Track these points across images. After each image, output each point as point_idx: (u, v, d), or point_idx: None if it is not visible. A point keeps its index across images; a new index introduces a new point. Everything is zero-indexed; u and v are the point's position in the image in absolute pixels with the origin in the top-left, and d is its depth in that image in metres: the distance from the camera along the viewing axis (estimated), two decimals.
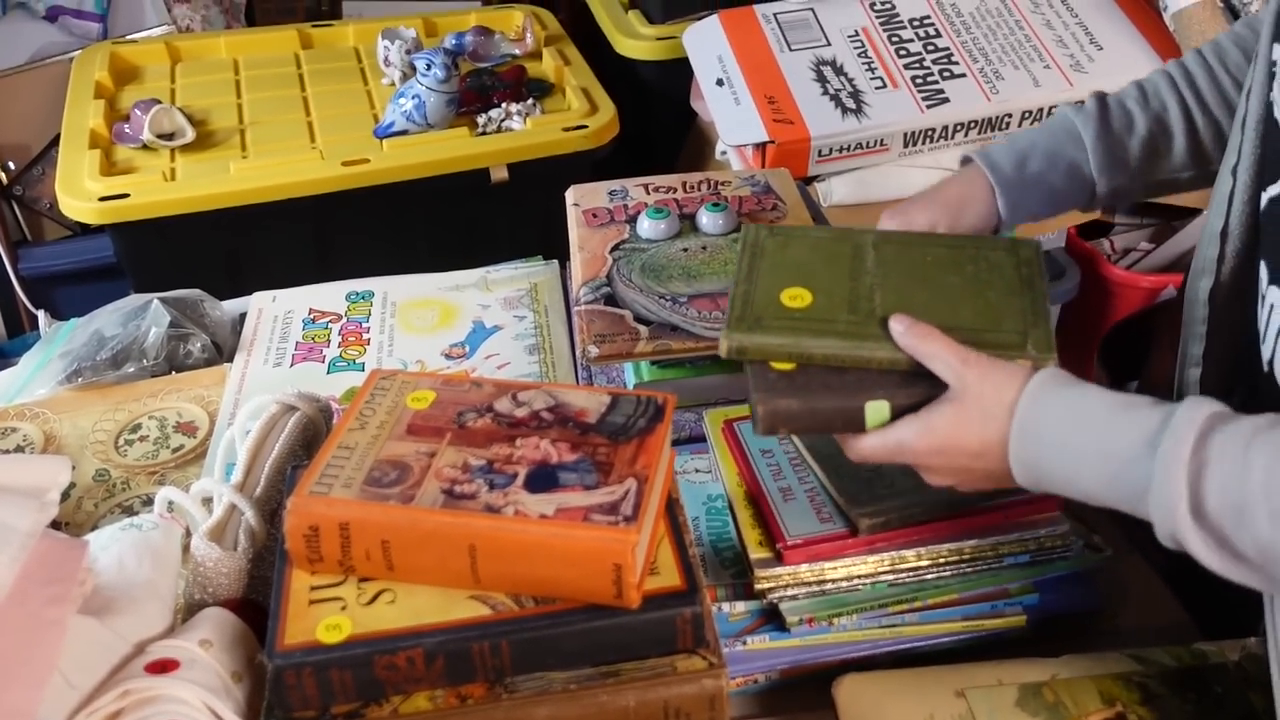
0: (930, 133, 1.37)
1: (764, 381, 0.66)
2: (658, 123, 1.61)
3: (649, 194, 1.01)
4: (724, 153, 1.42)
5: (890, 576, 0.70)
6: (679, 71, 1.52)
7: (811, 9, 1.47)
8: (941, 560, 0.70)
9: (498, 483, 0.61)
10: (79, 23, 1.63)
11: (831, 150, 1.34)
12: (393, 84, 1.51)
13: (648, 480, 0.61)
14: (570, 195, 1.03)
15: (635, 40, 1.57)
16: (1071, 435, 0.59)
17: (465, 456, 0.62)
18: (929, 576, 0.70)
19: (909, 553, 0.70)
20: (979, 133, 1.39)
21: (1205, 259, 0.73)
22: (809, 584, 0.69)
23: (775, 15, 1.46)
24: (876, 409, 0.64)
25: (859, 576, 0.69)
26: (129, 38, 1.62)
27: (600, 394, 0.68)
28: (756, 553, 0.70)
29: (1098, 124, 0.80)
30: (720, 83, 1.40)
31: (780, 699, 0.71)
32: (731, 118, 1.36)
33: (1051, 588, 0.72)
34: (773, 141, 1.32)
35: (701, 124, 1.56)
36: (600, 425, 0.65)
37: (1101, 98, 0.82)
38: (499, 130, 1.42)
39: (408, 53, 1.49)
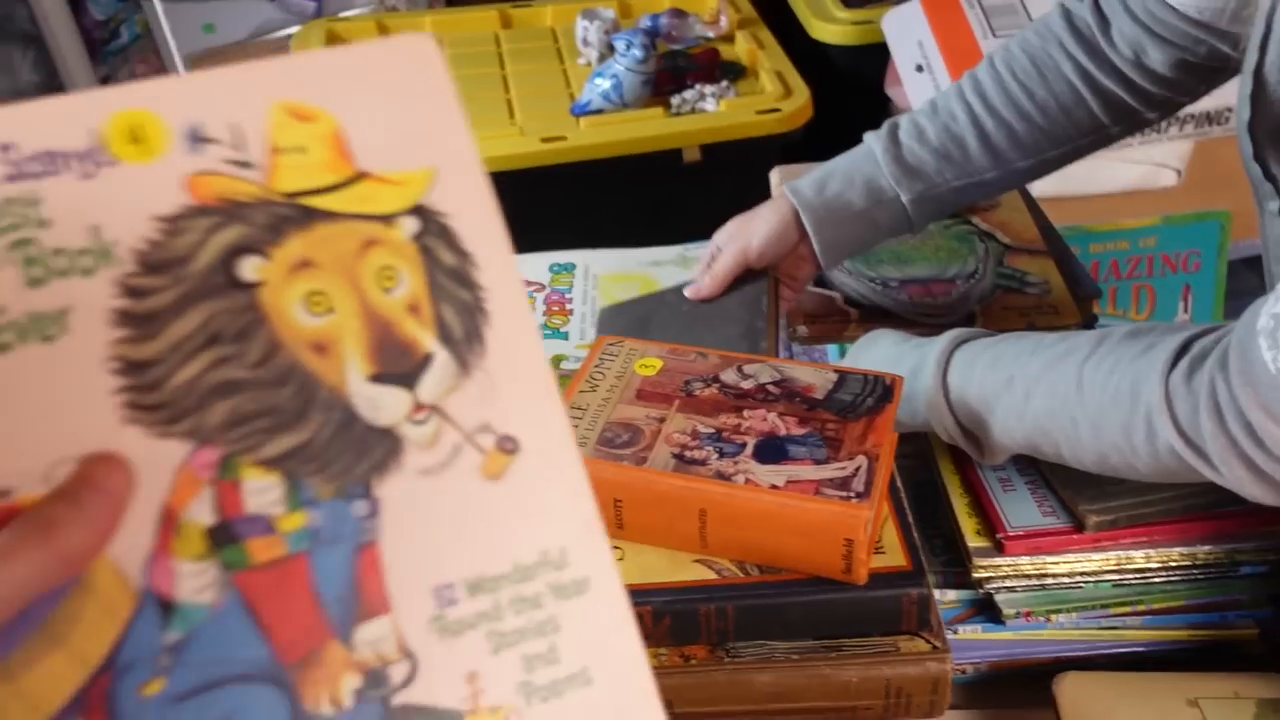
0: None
1: None
2: (849, 108, 1.59)
3: None
4: None
5: (1115, 576, 0.67)
6: (873, 56, 1.50)
7: None
8: (1171, 564, 0.67)
9: (727, 451, 0.61)
10: (296, 1, 1.72)
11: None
12: (589, 64, 1.54)
13: (879, 459, 0.60)
14: (775, 175, 1.03)
15: (830, 24, 1.55)
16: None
17: (694, 424, 0.64)
18: (1156, 580, 0.68)
19: (1137, 553, 0.67)
20: (1195, 127, 1.32)
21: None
22: (1029, 577, 0.67)
23: (980, 0, 1.42)
24: None
25: (1082, 574, 0.67)
26: (342, 15, 1.70)
27: (826, 370, 0.68)
28: (974, 542, 0.69)
29: (887, 139, 0.82)
30: (920, 68, 1.38)
31: (986, 692, 0.70)
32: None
33: None
34: None
35: (895, 110, 1.53)
36: (827, 402, 0.65)
37: (893, 118, 0.84)
38: (693, 111, 1.43)
39: (606, 33, 1.51)
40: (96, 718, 0.30)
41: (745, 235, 0.84)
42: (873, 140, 0.83)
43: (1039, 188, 1.01)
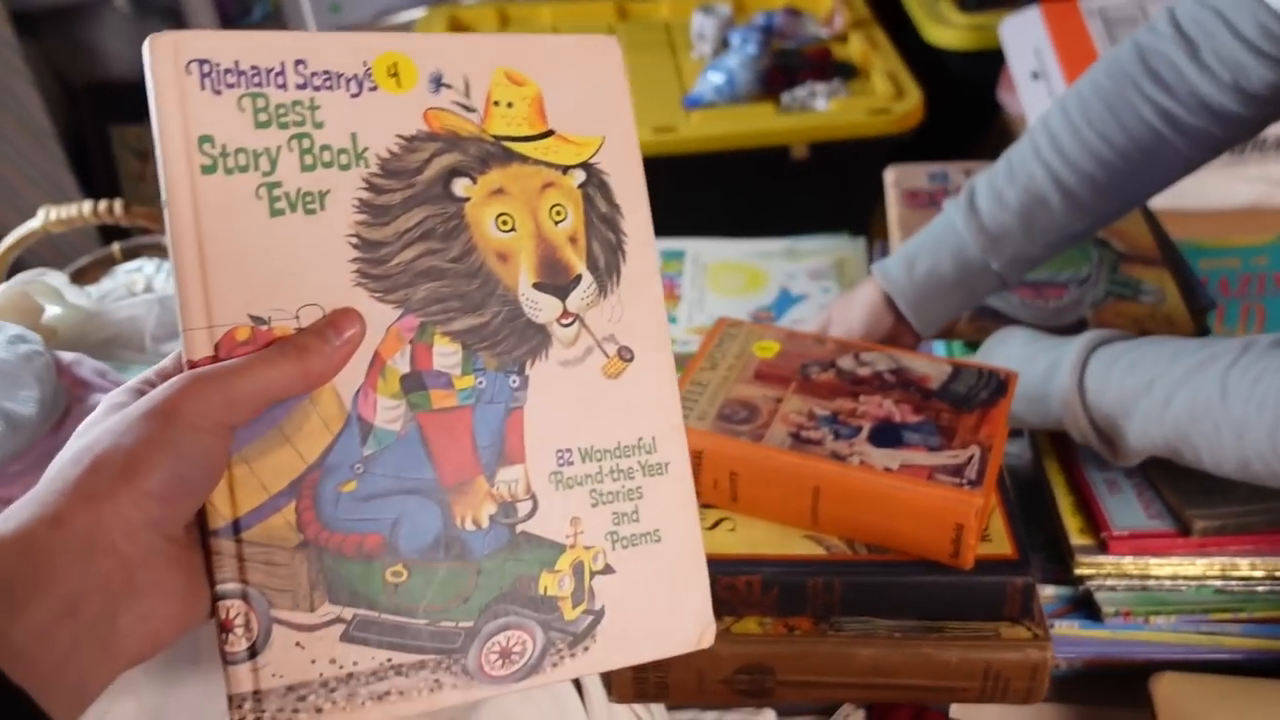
0: (1262, 142, 1.29)
1: None
2: (960, 112, 1.59)
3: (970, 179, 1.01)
4: None
5: (1219, 582, 0.68)
6: (987, 62, 1.50)
7: (1142, 6, 1.41)
8: (1277, 574, 0.68)
9: (843, 433, 0.64)
10: None
11: None
12: (702, 58, 1.57)
13: (991, 449, 0.62)
14: (889, 175, 1.04)
15: (945, 28, 1.55)
16: None
17: (810, 406, 0.66)
18: (1260, 589, 0.68)
19: (1242, 561, 0.68)
20: None
21: None
22: (1131, 577, 0.69)
23: (1101, 10, 1.41)
24: None
25: (1185, 578, 0.68)
26: (463, 3, 1.75)
27: (942, 363, 0.70)
28: (1077, 539, 0.70)
29: (966, 210, 0.80)
30: (1035, 76, 1.37)
31: (1080, 687, 0.71)
32: (1042, 107, 1.33)
33: None
34: None
35: (1007, 117, 1.53)
36: (942, 392, 0.67)
37: (971, 185, 0.81)
38: (803, 109, 1.45)
39: (721, 29, 1.54)
40: (305, 502, 0.40)
41: (846, 322, 0.85)
42: (954, 211, 0.81)
43: (1152, 200, 1.01)
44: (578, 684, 0.62)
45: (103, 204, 0.90)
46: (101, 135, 1.87)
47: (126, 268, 0.96)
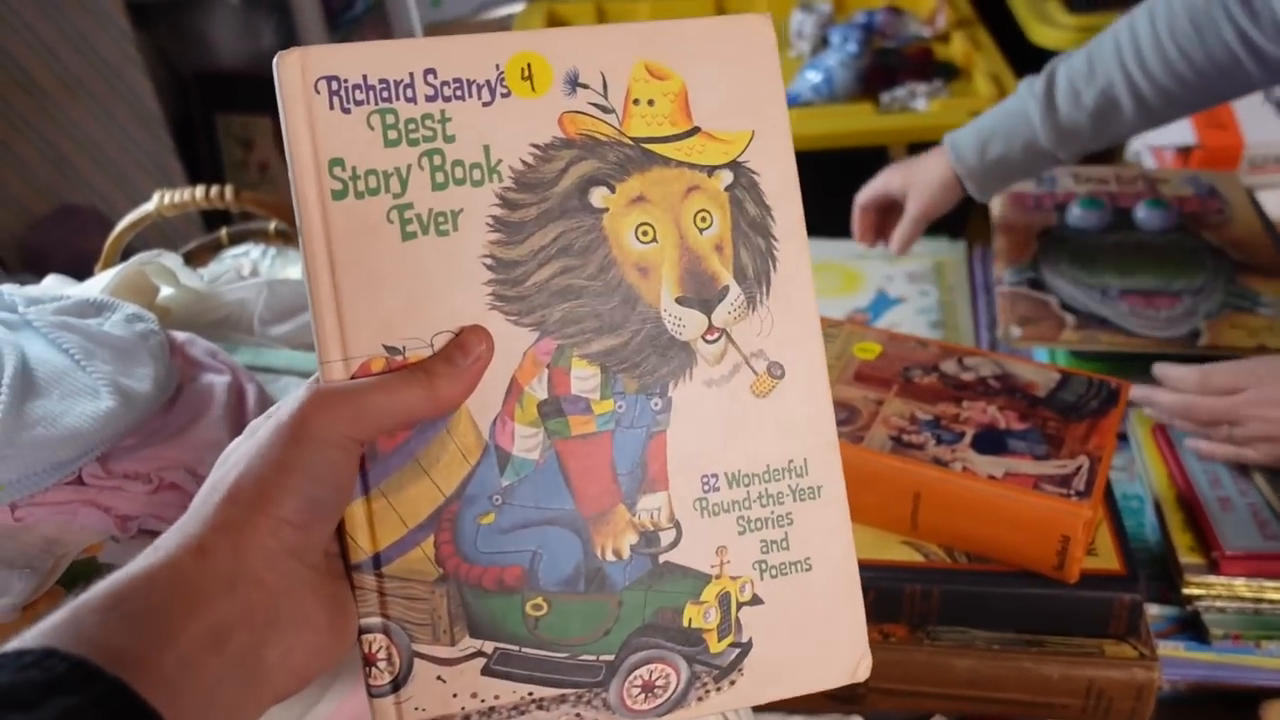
0: None
1: None
2: None
3: (1079, 184, 0.99)
4: (1137, 152, 1.35)
5: None
6: None
7: None
8: None
9: (945, 438, 0.62)
10: None
11: (1266, 160, 1.24)
12: (800, 56, 1.55)
13: (1101, 460, 0.60)
14: None
15: (1052, 28, 1.51)
16: None
17: (912, 409, 0.65)
18: None
19: None
20: None
21: None
22: (1243, 599, 0.66)
23: None
24: None
25: None
26: None
27: (1049, 370, 0.68)
28: (1187, 558, 0.67)
29: (1044, 106, 0.85)
30: None
31: (1184, 711, 0.69)
32: None
33: None
34: (1199, 145, 1.24)
35: None
36: (1050, 400, 0.65)
37: (1050, 76, 0.86)
38: (902, 109, 1.42)
39: (821, 27, 1.52)
40: (445, 535, 0.39)
41: (921, 197, 0.93)
42: (1030, 101, 0.86)
43: (1273, 208, 0.97)
44: None
45: (214, 189, 0.93)
46: (208, 123, 1.93)
47: (233, 252, 0.98)
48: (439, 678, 0.39)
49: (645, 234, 0.40)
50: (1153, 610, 0.69)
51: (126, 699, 0.30)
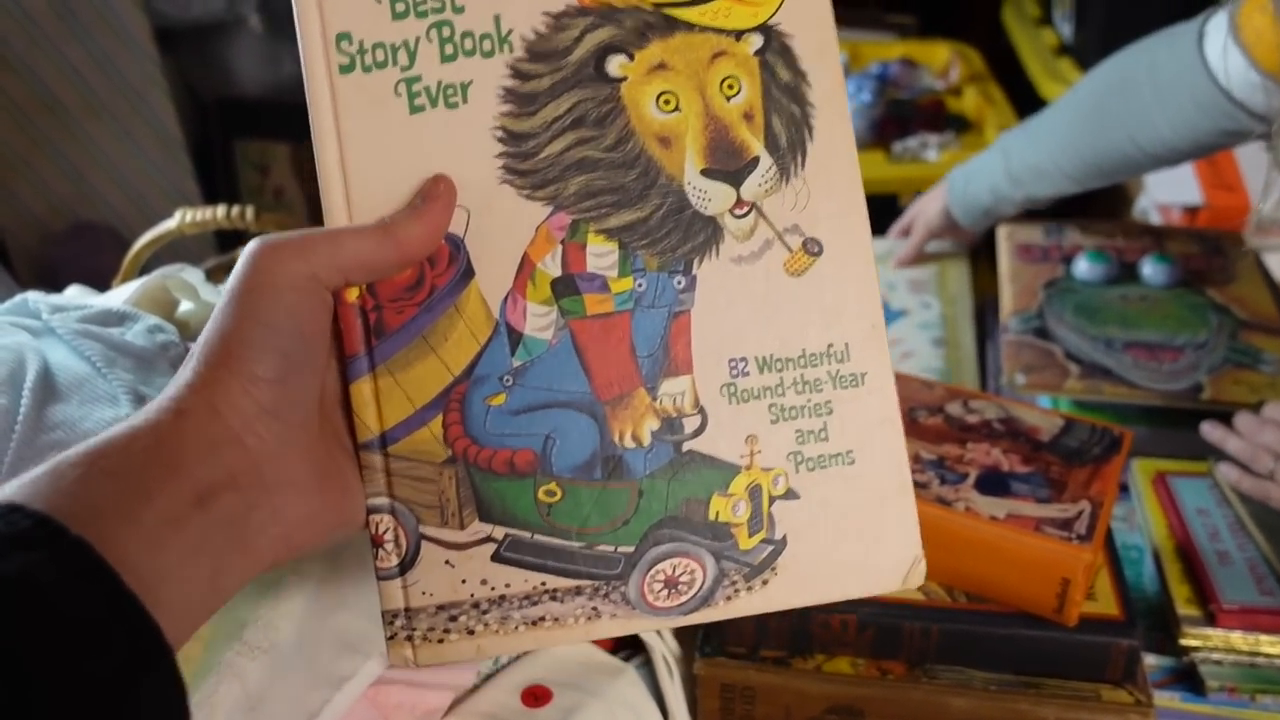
0: None
1: None
2: None
3: (1086, 236, 1.00)
4: (1144, 210, 1.36)
5: None
6: None
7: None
8: None
9: (949, 478, 0.63)
10: None
11: (1275, 223, 1.25)
12: None
13: (1103, 506, 0.61)
14: (1002, 229, 1.03)
15: (1062, 85, 1.54)
16: None
17: (917, 449, 0.66)
18: None
19: None
20: None
21: None
22: (1239, 652, 0.66)
23: None
24: None
25: None
26: None
27: (1053, 415, 0.69)
28: (1185, 609, 0.68)
29: (1001, 156, 1.00)
30: None
31: None
32: (1163, 175, 1.31)
33: None
34: (1206, 205, 1.25)
35: None
36: (1053, 445, 0.66)
37: (1004, 141, 1.01)
38: (914, 159, 1.45)
39: None
40: (454, 416, 0.38)
41: (925, 218, 1.08)
42: (996, 151, 1.01)
43: (1277, 267, 0.99)
44: (663, 708, 0.62)
45: (235, 209, 0.94)
46: (226, 148, 1.95)
47: None
48: (447, 562, 0.38)
49: (667, 103, 0.38)
50: (1149, 660, 0.69)
51: (87, 557, 0.29)
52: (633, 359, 0.38)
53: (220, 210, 0.94)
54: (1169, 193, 1.28)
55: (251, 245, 0.36)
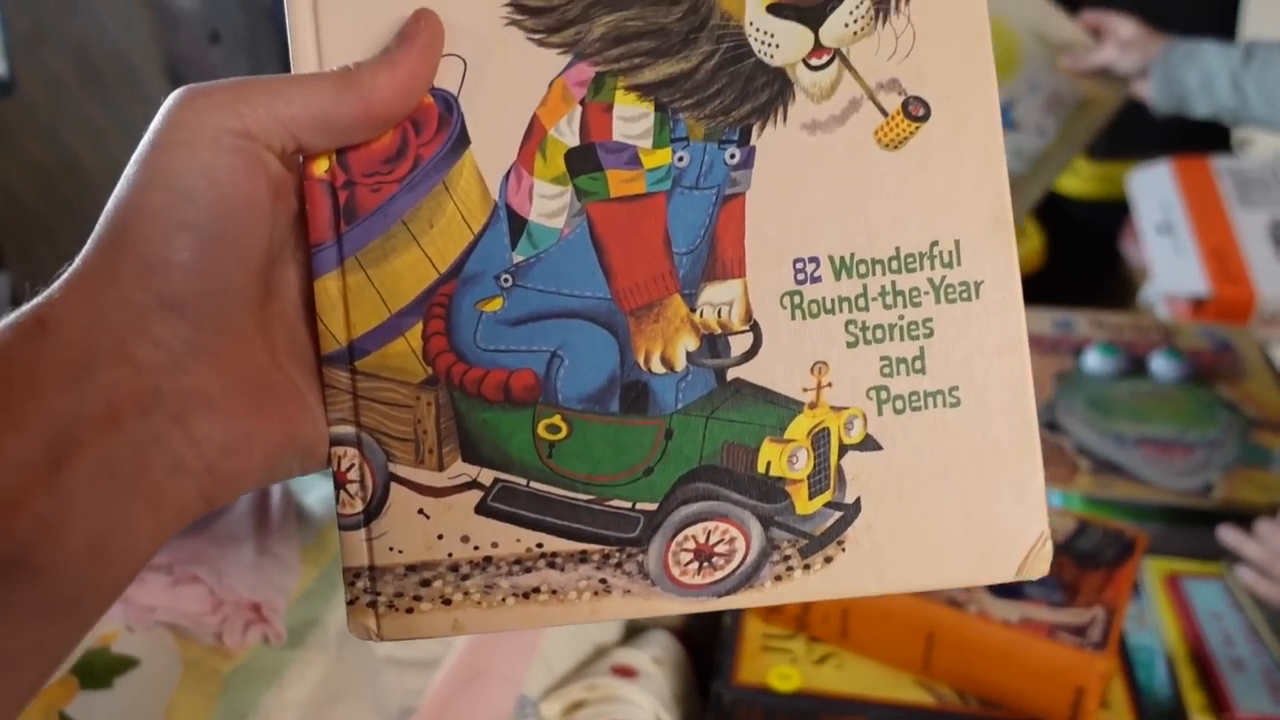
0: None
1: None
2: (1079, 259, 1.58)
3: (1096, 329, 1.01)
4: (1150, 301, 1.37)
5: None
6: (1110, 211, 1.49)
7: (1275, 170, 1.40)
8: None
9: None
10: None
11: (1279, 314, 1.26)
12: None
13: (1116, 612, 0.60)
14: None
15: (1071, 175, 1.56)
16: None
17: None
18: None
19: None
20: None
21: None
22: None
23: (1232, 170, 1.40)
24: None
25: None
26: None
27: (1067, 516, 0.68)
28: (1198, 717, 0.67)
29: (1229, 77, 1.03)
30: (1162, 229, 1.36)
31: None
32: (1170, 266, 1.32)
33: None
34: (1212, 297, 1.26)
35: (1126, 267, 1.52)
36: (1067, 547, 0.65)
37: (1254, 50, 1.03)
38: None
39: None
40: (436, 325, 0.30)
41: (1126, 39, 1.07)
42: (1238, 54, 1.03)
43: None
44: None
45: None
46: None
47: None
48: (421, 511, 0.30)
49: None
50: None
51: None
52: (667, 256, 0.29)
53: None
54: (1175, 284, 1.29)
55: (171, 96, 0.28)
